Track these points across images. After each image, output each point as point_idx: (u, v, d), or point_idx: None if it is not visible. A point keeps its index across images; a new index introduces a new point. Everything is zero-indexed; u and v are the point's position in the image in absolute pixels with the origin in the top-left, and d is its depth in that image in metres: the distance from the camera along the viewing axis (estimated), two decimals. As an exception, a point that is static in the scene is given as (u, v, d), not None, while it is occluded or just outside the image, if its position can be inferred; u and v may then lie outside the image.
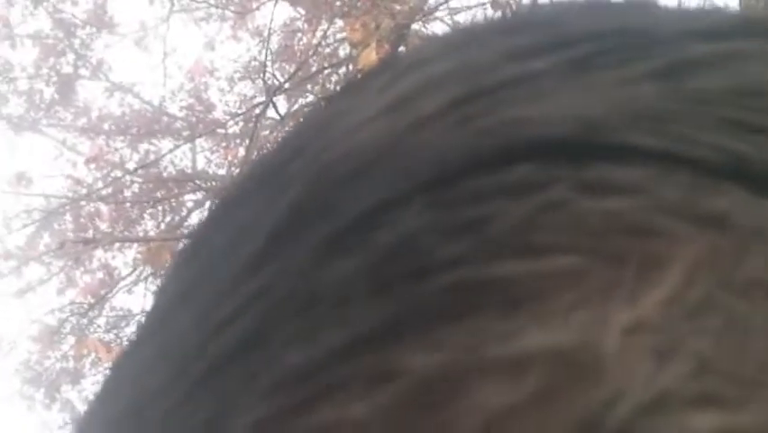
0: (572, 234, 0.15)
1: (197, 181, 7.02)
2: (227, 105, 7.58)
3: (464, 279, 0.15)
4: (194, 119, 7.54)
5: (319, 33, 6.15)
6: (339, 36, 6.17)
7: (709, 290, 0.15)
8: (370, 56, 3.95)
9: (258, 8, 6.55)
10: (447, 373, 0.15)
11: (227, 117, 7.18)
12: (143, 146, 7.77)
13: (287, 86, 5.92)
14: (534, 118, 0.17)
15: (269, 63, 6.00)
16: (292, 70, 6.28)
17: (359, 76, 0.21)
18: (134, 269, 6.94)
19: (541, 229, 0.16)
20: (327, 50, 6.39)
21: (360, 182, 0.17)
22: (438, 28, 6.19)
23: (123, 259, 7.29)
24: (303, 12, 6.53)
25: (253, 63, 7.23)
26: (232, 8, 7.06)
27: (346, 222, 0.17)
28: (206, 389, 0.17)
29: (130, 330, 6.85)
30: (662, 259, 0.15)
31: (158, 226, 7.25)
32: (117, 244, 6.83)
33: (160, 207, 7.17)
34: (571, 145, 0.16)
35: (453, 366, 0.15)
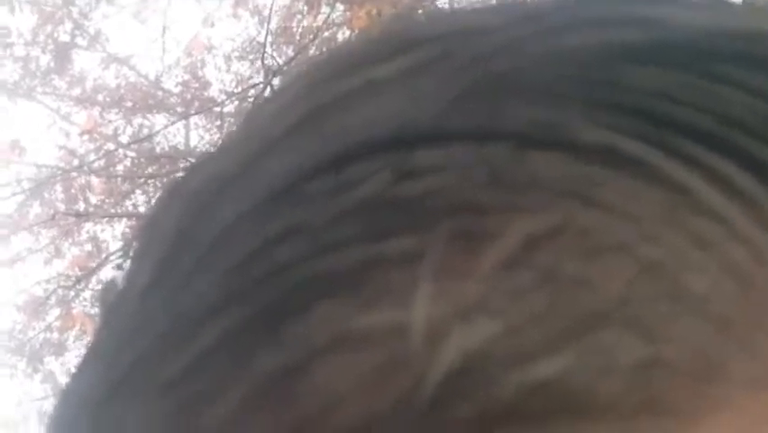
0: (394, 220, 0.17)
1: (190, 159, 6.99)
2: (223, 84, 7.55)
3: (302, 276, 0.17)
4: (189, 96, 7.51)
5: (320, 17, 6.11)
6: (338, 20, 6.14)
7: (521, 254, 0.16)
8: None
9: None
10: (288, 366, 0.16)
11: (223, 96, 7.15)
12: (137, 120, 7.74)
13: (285, 68, 5.90)
14: (366, 122, 0.18)
15: (267, 44, 5.98)
16: (290, 52, 6.27)
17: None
18: (123, 244, 6.92)
19: (361, 219, 0.17)
20: (326, 33, 6.37)
21: (218, 206, 0.19)
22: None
23: (112, 232, 7.29)
24: (304, -6, 6.50)
25: (252, 43, 7.20)
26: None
27: (206, 244, 0.19)
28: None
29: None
30: (481, 231, 0.16)
31: (148, 202, 7.22)
32: (107, 218, 6.82)
33: (151, 183, 7.15)
34: (394, 141, 0.18)
35: (293, 359, 0.16)
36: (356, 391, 0.16)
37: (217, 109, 7.04)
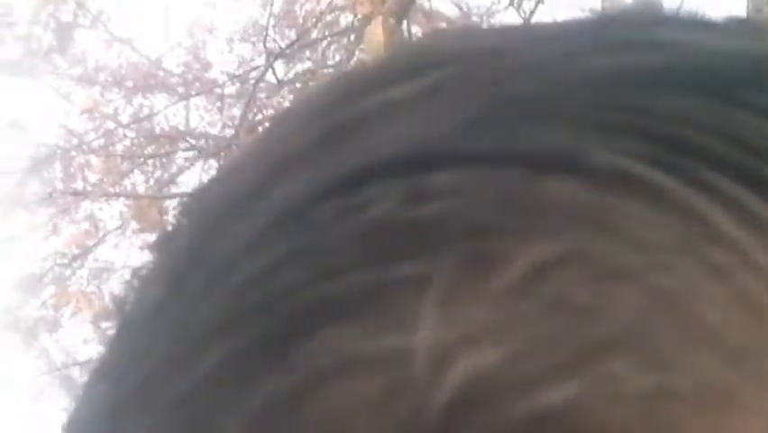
0: (403, 243, 0.16)
1: (190, 139, 6.99)
2: (225, 66, 7.54)
3: (307, 300, 0.17)
4: (190, 77, 7.50)
5: (324, 1, 6.10)
6: (341, 4, 6.13)
7: (530, 280, 0.16)
8: (377, 31, 3.91)
9: (263, -30, 6.50)
10: (293, 390, 0.16)
11: (224, 77, 7.14)
12: (138, 100, 7.72)
13: (287, 51, 5.89)
14: (380, 144, 0.18)
15: (270, 27, 5.97)
16: (292, 35, 6.26)
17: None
18: (121, 223, 6.92)
19: (369, 242, 0.17)
20: (329, 17, 6.35)
21: (229, 227, 0.19)
22: (441, 3, 6.16)
23: (110, 211, 7.28)
24: (308, -23, 6.49)
25: (255, 26, 7.18)
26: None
27: (215, 266, 0.19)
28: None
29: (111, 284, 6.83)
30: (491, 256, 0.16)
31: (147, 182, 7.22)
32: (105, 197, 6.81)
33: (150, 163, 7.14)
34: (408, 163, 0.17)
35: (297, 383, 0.16)
36: (360, 415, 0.15)
37: (218, 90, 7.03)
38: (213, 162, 6.13)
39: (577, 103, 0.18)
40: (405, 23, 4.60)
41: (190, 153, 6.91)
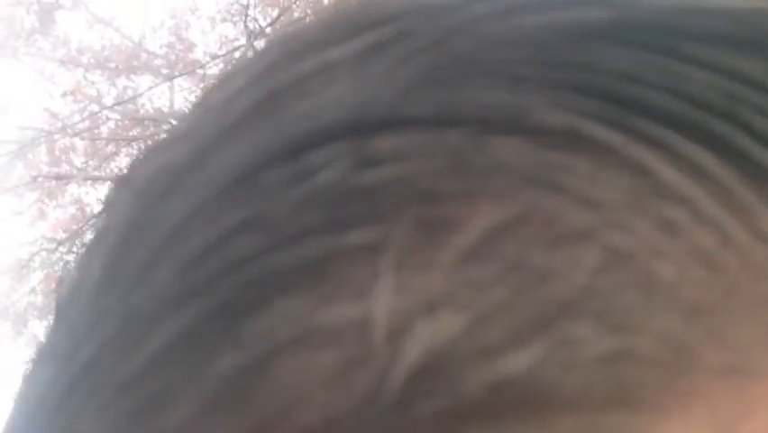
0: (353, 210, 0.16)
1: (174, 121, 6.96)
2: (207, 46, 7.50)
3: (260, 270, 0.16)
4: (173, 57, 7.47)
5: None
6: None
7: (485, 244, 0.15)
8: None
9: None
10: (247, 365, 0.15)
11: (207, 58, 7.11)
12: (121, 82, 7.70)
13: (268, 30, 5.86)
14: (321, 107, 0.17)
15: (251, 6, 5.93)
16: (275, 15, 6.22)
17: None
18: (106, 207, 6.90)
19: (320, 210, 0.16)
20: (312, -5, 6.31)
21: (171, 198, 0.18)
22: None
23: (96, 195, 7.27)
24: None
25: (236, 5, 7.14)
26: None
27: (160, 238, 0.18)
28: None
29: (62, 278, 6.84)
30: (444, 221, 0.16)
31: (132, 165, 7.20)
32: (90, 180, 6.80)
33: (135, 146, 7.12)
34: (351, 127, 0.17)
35: (252, 358, 0.15)
36: (318, 388, 0.15)
37: (201, 71, 6.99)
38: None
39: (521, 61, 0.17)
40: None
41: (175, 135, 6.88)
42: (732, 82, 0.17)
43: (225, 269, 0.16)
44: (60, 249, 6.91)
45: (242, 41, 6.14)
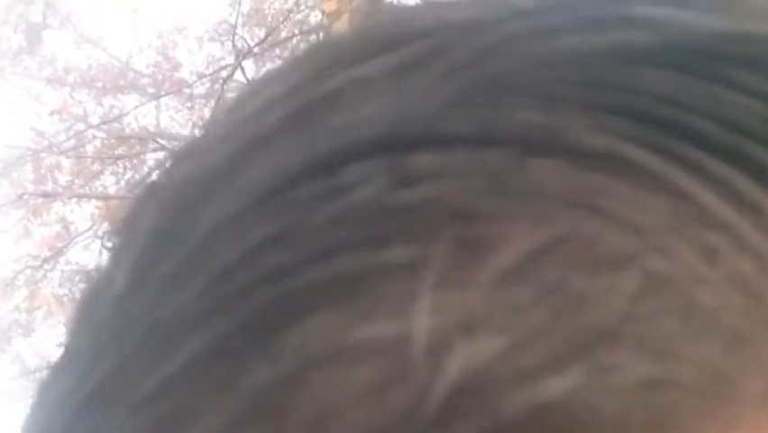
0: (391, 228, 0.16)
1: (160, 140, 6.96)
2: (194, 65, 7.51)
3: (294, 284, 0.16)
4: (160, 77, 7.47)
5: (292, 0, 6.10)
6: (311, 3, 6.12)
7: (524, 266, 0.15)
8: (344, 28, 3.91)
9: (231, -31, 6.47)
10: (280, 379, 0.15)
11: (194, 77, 7.12)
12: (108, 101, 7.69)
13: (256, 50, 5.89)
14: (356, 122, 0.17)
15: (239, 26, 5.96)
16: (262, 35, 6.24)
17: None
18: (92, 225, 6.89)
19: (357, 226, 0.16)
20: (299, 16, 6.35)
21: (202, 207, 0.18)
22: (411, 2, 6.15)
23: (81, 213, 7.24)
24: (276, -24, 6.47)
25: (223, 24, 7.16)
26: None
27: (189, 249, 0.17)
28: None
29: (83, 286, 6.79)
30: (483, 241, 0.15)
31: (118, 183, 7.20)
32: (75, 198, 6.79)
33: (121, 164, 7.11)
34: (387, 143, 0.17)
35: (285, 372, 0.15)
36: (353, 405, 0.15)
37: (188, 90, 7.00)
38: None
39: (561, 82, 0.17)
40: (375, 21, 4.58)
41: (161, 154, 6.88)
42: None
43: (257, 282, 0.16)
44: (45, 266, 6.89)
45: (230, 60, 6.16)
